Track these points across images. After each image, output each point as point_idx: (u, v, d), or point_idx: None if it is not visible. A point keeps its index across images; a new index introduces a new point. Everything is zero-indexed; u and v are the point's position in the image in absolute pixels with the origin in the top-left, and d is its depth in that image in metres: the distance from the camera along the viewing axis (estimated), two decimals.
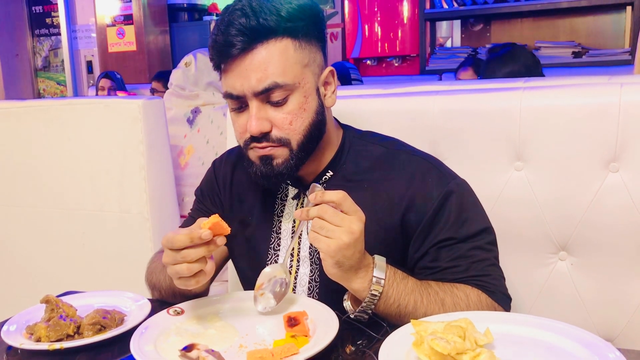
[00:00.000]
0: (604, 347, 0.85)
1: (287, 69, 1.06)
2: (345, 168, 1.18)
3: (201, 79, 2.54)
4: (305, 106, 1.09)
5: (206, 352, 0.91)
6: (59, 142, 1.99)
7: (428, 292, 1.04)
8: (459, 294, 1.06)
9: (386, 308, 1.02)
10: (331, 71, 1.15)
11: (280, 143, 1.09)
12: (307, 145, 1.11)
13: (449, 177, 1.14)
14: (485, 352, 0.83)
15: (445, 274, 1.10)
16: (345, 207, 0.95)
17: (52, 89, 6.45)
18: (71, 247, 2.01)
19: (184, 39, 5.79)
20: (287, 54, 1.06)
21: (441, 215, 1.10)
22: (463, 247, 1.10)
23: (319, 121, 1.12)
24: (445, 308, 1.04)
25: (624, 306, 1.32)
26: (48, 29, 6.34)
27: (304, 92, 1.08)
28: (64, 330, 1.05)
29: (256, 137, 1.08)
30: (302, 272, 1.19)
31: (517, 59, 2.39)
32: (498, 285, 1.11)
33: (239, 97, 1.08)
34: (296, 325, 1.00)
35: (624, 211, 1.28)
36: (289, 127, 1.08)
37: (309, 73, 1.10)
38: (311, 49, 1.10)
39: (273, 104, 1.07)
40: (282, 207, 1.22)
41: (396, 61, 4.86)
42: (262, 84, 1.05)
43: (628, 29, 4.05)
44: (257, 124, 1.06)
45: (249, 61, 1.05)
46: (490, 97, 1.41)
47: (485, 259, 1.11)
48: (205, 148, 2.48)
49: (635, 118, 1.26)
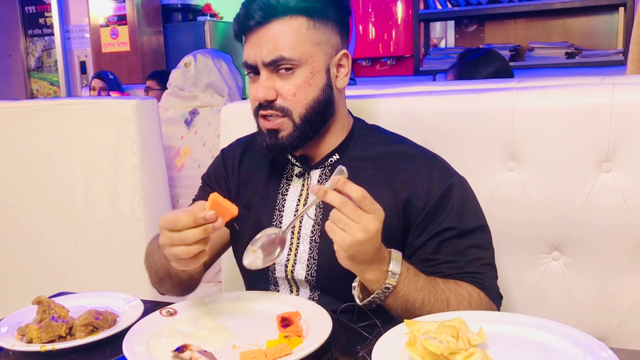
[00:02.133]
0: (597, 347, 0.86)
1: (296, 45, 1.12)
2: (352, 153, 1.23)
3: (200, 80, 2.53)
4: (311, 82, 1.15)
5: (199, 353, 0.91)
6: (52, 142, 1.98)
7: (435, 291, 1.07)
8: (462, 292, 1.09)
9: (394, 301, 1.04)
10: (345, 54, 1.20)
11: (283, 112, 1.15)
12: (310, 118, 1.16)
13: (452, 171, 1.20)
14: (478, 351, 0.83)
15: (443, 268, 1.13)
16: (365, 205, 0.96)
17: (45, 89, 6.41)
18: (64, 248, 2.00)
19: (178, 40, 5.78)
20: (299, 31, 1.13)
21: (445, 205, 1.14)
22: (462, 242, 1.14)
23: (325, 99, 1.17)
24: (450, 307, 1.06)
25: (617, 306, 1.32)
26: (41, 29, 6.30)
27: (311, 68, 1.14)
28: (55, 332, 1.04)
29: (262, 104, 1.15)
30: (302, 249, 1.21)
31: (493, 62, 2.45)
32: (493, 284, 1.15)
33: (252, 66, 1.16)
34: (289, 325, 0.99)
35: (617, 211, 1.28)
36: (292, 98, 1.14)
37: (320, 52, 1.15)
38: (326, 30, 1.16)
39: (281, 75, 1.14)
40: (287, 186, 1.26)
41: (390, 62, 4.85)
42: (270, 56, 1.12)
43: (621, 30, 4.06)
44: (263, 91, 1.14)
45: (264, 34, 1.13)
46: (484, 98, 1.41)
47: (483, 257, 1.15)
48: (202, 150, 2.47)
49: (628, 118, 1.26)
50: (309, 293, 1.23)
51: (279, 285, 1.26)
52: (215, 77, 2.54)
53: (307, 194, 1.23)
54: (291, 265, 1.21)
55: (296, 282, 1.23)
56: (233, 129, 1.67)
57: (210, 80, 2.54)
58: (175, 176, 2.42)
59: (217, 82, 2.54)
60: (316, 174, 1.24)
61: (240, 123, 1.55)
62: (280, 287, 1.26)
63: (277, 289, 1.26)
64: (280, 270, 1.23)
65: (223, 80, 2.56)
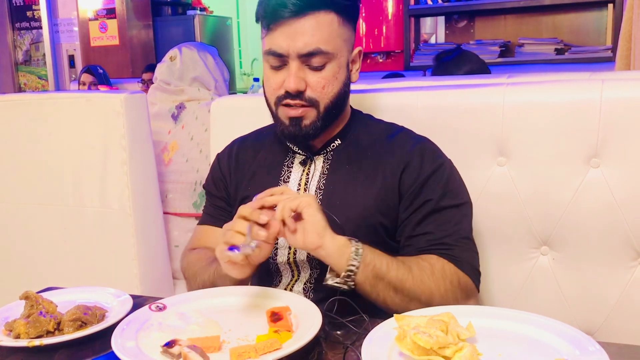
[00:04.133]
0: (585, 341, 0.86)
1: (331, 39, 1.16)
2: (353, 139, 1.29)
3: (186, 73, 2.51)
4: (337, 75, 1.20)
5: (188, 348, 0.90)
6: (40, 136, 1.96)
7: (397, 259, 1.11)
8: (423, 264, 1.13)
9: (365, 269, 1.06)
10: (360, 51, 1.27)
11: (311, 104, 1.19)
12: (332, 110, 1.22)
13: (443, 154, 1.27)
14: (467, 346, 0.84)
15: (420, 240, 1.19)
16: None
17: (34, 83, 6.36)
18: (52, 243, 1.99)
19: (167, 33, 5.75)
20: (333, 26, 1.17)
21: (432, 181, 1.20)
22: (441, 217, 1.19)
23: (345, 92, 1.24)
24: (413, 273, 1.10)
25: (605, 300, 1.33)
26: (29, 22, 6.24)
27: (338, 63, 1.19)
28: (43, 327, 1.03)
29: (291, 94, 1.18)
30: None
31: (470, 61, 2.49)
32: (467, 257, 1.18)
33: (282, 56, 1.17)
34: (279, 320, 0.99)
35: (605, 206, 1.29)
36: (321, 90, 1.18)
37: (344, 48, 1.21)
38: (350, 28, 1.22)
39: (312, 68, 1.17)
40: (289, 173, 1.30)
41: (380, 57, 4.86)
42: (307, 47, 1.15)
43: (610, 27, 4.09)
44: (295, 82, 1.16)
45: (300, 25, 1.14)
46: (474, 93, 1.41)
47: (460, 231, 1.20)
48: (190, 145, 2.45)
49: (616, 114, 1.27)
50: (309, 273, 1.25)
51: (280, 271, 1.28)
52: (201, 70, 2.52)
53: (306, 180, 1.27)
54: (293, 248, 1.24)
55: (298, 266, 1.25)
56: (223, 123, 1.67)
57: (196, 73, 2.51)
58: (164, 171, 2.41)
59: (203, 75, 2.52)
60: (320, 160, 1.28)
61: (231, 117, 1.55)
62: (282, 272, 1.28)
63: (279, 275, 1.28)
64: (283, 255, 1.26)
65: (209, 73, 2.54)
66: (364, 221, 1.21)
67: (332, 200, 1.23)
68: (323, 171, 1.27)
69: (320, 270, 1.24)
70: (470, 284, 1.16)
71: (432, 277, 1.11)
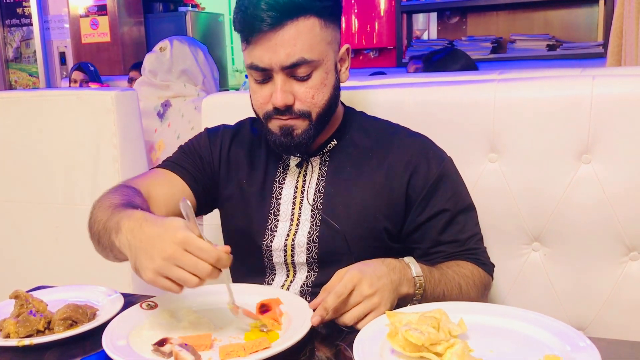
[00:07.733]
0: (576, 337, 0.87)
1: (314, 46, 1.11)
2: (349, 138, 1.26)
3: (175, 65, 2.48)
4: (325, 81, 1.15)
5: (179, 346, 0.90)
6: (31, 134, 1.95)
7: (447, 279, 1.12)
8: (466, 273, 1.16)
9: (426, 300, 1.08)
10: (347, 49, 1.22)
11: (302, 115, 1.15)
12: (324, 117, 1.18)
13: (443, 153, 1.26)
14: (459, 342, 0.84)
15: (448, 247, 1.20)
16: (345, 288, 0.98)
17: (24, 80, 6.31)
18: (43, 241, 1.98)
19: (159, 30, 5.72)
20: (314, 31, 1.11)
21: (442, 184, 1.20)
22: (461, 221, 1.21)
23: (336, 95, 1.20)
24: (462, 291, 1.13)
25: (596, 296, 1.34)
26: (19, 19, 6.20)
27: (325, 68, 1.14)
28: (33, 326, 1.02)
29: (279, 109, 1.13)
30: (301, 234, 1.22)
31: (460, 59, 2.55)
32: (488, 259, 1.24)
33: (265, 70, 1.12)
34: (267, 311, 0.99)
35: (596, 202, 1.29)
36: (310, 100, 1.14)
37: (330, 50, 1.16)
38: (334, 27, 1.16)
39: (298, 79, 1.13)
40: (284, 174, 1.27)
41: (373, 53, 4.86)
42: (290, 59, 1.10)
43: (601, 23, 4.10)
44: (282, 97, 1.11)
45: (279, 37, 1.09)
46: (465, 89, 1.41)
47: (477, 233, 1.24)
48: (176, 143, 2.42)
49: (607, 110, 1.27)
50: (306, 274, 1.23)
51: (275, 269, 1.26)
52: (190, 64, 2.49)
53: (303, 183, 1.24)
54: (290, 250, 1.22)
55: (295, 266, 1.24)
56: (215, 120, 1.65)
57: (185, 66, 2.48)
58: None
59: (192, 68, 2.49)
60: (316, 161, 1.25)
61: (223, 114, 1.54)
62: (276, 271, 1.26)
63: (274, 274, 1.26)
64: (279, 256, 1.23)
65: (198, 68, 2.50)
66: (367, 226, 1.19)
67: (333, 204, 1.21)
68: (321, 173, 1.24)
69: (317, 274, 1.23)
70: (491, 281, 1.24)
71: (475, 288, 1.16)
